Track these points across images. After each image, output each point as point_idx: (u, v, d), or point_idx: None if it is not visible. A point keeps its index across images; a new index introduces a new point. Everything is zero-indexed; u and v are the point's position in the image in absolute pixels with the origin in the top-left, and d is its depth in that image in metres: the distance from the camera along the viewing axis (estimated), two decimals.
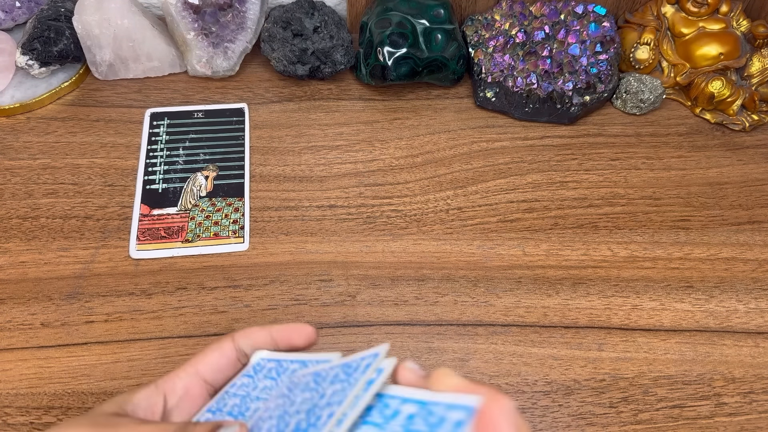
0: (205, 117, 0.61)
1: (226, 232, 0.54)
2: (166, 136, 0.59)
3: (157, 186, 0.56)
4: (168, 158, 0.58)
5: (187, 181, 0.56)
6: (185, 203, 0.55)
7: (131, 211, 0.55)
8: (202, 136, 0.59)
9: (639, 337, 0.50)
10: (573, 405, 0.46)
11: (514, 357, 0.48)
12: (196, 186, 0.56)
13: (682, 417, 0.46)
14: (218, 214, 0.55)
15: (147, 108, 0.61)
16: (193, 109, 0.61)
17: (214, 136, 0.59)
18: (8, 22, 0.63)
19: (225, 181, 0.57)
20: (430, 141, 0.61)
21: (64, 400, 0.45)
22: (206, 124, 0.60)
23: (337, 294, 0.51)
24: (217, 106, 0.61)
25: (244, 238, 0.53)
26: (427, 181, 0.58)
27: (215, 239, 0.53)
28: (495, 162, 0.59)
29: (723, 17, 0.63)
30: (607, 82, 0.60)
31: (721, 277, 0.53)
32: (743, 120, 0.62)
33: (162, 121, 0.60)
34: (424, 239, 0.54)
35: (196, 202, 0.55)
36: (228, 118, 0.61)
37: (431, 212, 0.56)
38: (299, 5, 0.61)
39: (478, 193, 0.57)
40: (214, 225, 0.54)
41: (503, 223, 0.55)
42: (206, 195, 0.56)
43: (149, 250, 0.52)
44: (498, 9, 0.63)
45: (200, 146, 0.59)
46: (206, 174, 0.57)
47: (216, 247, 0.53)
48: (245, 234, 0.54)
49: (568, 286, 0.52)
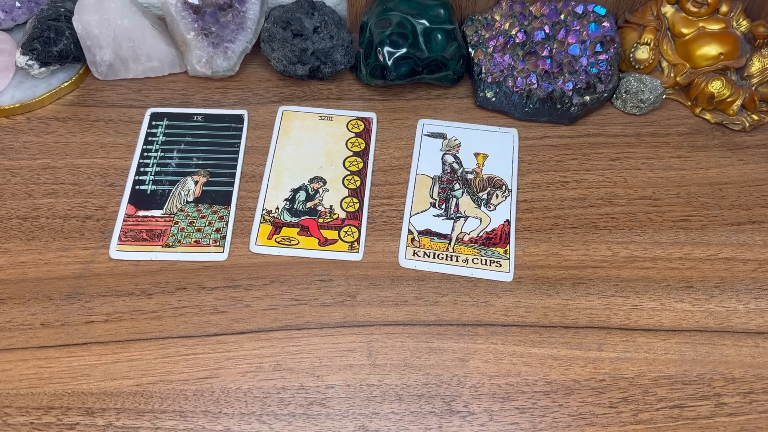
0: (204, 121, 0.60)
1: (207, 240, 0.53)
2: (162, 137, 0.58)
3: (146, 187, 0.56)
4: (161, 160, 0.57)
5: (177, 184, 0.56)
6: (171, 207, 0.55)
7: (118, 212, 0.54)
8: (198, 140, 0.59)
9: (639, 337, 0.50)
10: (573, 405, 0.46)
11: (514, 357, 0.48)
12: (185, 190, 0.55)
13: (682, 417, 0.46)
14: (202, 221, 0.54)
15: (147, 108, 0.61)
16: (194, 112, 0.61)
17: (210, 141, 0.59)
18: (8, 22, 0.63)
19: (214, 188, 0.56)
20: None
21: (64, 400, 0.45)
22: (204, 128, 0.60)
23: (337, 294, 0.51)
24: (218, 111, 0.61)
25: (224, 248, 0.53)
26: None
27: (195, 246, 0.53)
28: None
29: (723, 17, 0.63)
30: (607, 82, 0.60)
31: (721, 277, 0.53)
32: (743, 120, 0.62)
33: (161, 122, 0.60)
34: None
35: (182, 206, 0.55)
36: (227, 124, 0.60)
37: None
38: (299, 5, 0.61)
39: None
40: (197, 231, 0.54)
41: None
42: (193, 200, 0.55)
43: (129, 252, 0.52)
44: (498, 9, 0.63)
45: (195, 150, 0.58)
46: (196, 179, 0.56)
47: (194, 255, 0.52)
48: (226, 244, 0.53)
49: (568, 286, 0.52)
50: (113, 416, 0.45)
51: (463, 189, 0.55)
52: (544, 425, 0.46)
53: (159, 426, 0.45)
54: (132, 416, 0.45)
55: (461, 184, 0.56)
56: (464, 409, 0.46)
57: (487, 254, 0.53)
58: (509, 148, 0.59)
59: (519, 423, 0.46)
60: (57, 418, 0.44)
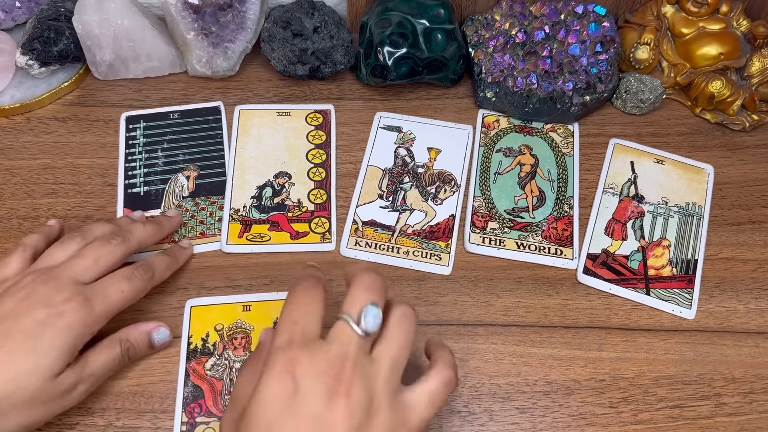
0: (181, 117, 0.60)
1: (212, 230, 0.54)
2: (143, 139, 0.58)
3: (139, 189, 0.56)
4: (147, 161, 0.57)
5: (169, 182, 0.56)
6: (168, 204, 0.55)
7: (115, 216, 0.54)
8: (179, 137, 0.59)
9: (639, 337, 0.50)
10: (573, 405, 0.46)
11: (514, 357, 0.48)
12: (178, 186, 0.55)
13: (682, 417, 0.46)
14: (203, 213, 0.54)
15: (123, 112, 0.61)
16: (169, 110, 0.61)
17: (192, 136, 0.59)
18: (8, 22, 0.63)
19: (207, 180, 0.57)
20: None
21: None
22: (183, 125, 0.60)
23: (337, 294, 0.51)
24: (193, 106, 0.61)
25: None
26: None
27: (202, 237, 0.53)
28: None
29: (723, 17, 0.63)
30: (607, 82, 0.60)
31: (721, 277, 0.53)
32: (743, 120, 0.62)
33: (138, 124, 0.60)
34: None
35: (179, 202, 0.55)
36: (204, 117, 0.60)
37: None
38: (299, 5, 0.61)
39: None
40: (200, 224, 0.54)
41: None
42: (189, 195, 0.56)
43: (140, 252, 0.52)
44: (498, 9, 0.63)
45: (179, 147, 0.58)
46: (187, 174, 0.56)
47: (204, 246, 0.53)
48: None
49: (568, 286, 0.52)
50: (113, 416, 0.45)
51: (412, 182, 0.56)
52: (544, 425, 0.46)
53: (159, 426, 0.45)
54: (132, 416, 0.45)
55: (411, 178, 0.57)
56: (464, 409, 0.46)
57: (429, 247, 0.53)
58: (463, 144, 0.59)
59: (519, 423, 0.46)
60: (57, 418, 0.44)
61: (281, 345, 0.34)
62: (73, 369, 0.41)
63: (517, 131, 0.61)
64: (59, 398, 0.40)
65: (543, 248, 0.53)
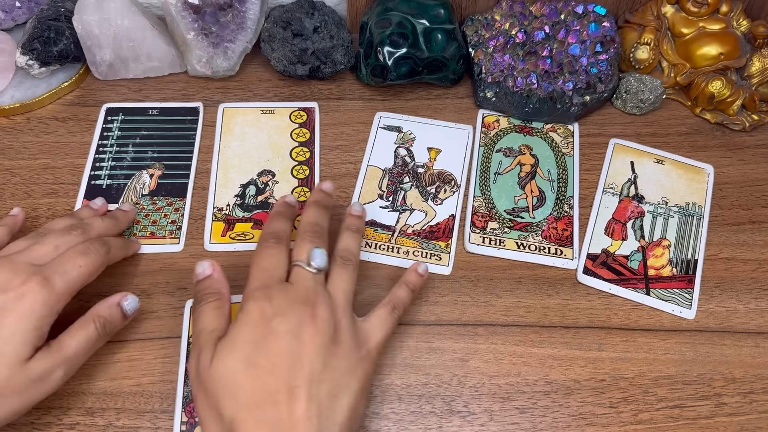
0: (159, 114, 0.60)
1: (162, 231, 0.53)
2: (118, 132, 0.58)
3: (102, 182, 0.56)
4: (116, 154, 0.57)
5: (132, 178, 0.56)
6: (127, 200, 0.55)
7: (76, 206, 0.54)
8: (153, 134, 0.59)
9: (639, 337, 0.50)
10: (573, 405, 0.46)
11: (514, 357, 0.48)
12: (140, 183, 0.55)
13: (682, 417, 0.46)
14: (157, 213, 0.54)
15: (104, 104, 0.61)
16: (149, 106, 0.61)
17: (165, 134, 0.59)
18: (8, 22, 0.63)
19: (169, 180, 0.56)
20: None
21: (65, 401, 0.45)
22: (159, 122, 0.60)
23: None
24: (172, 104, 0.61)
25: (180, 239, 0.53)
26: None
27: (151, 238, 0.53)
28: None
29: (723, 17, 0.63)
30: (607, 82, 0.60)
31: (721, 277, 0.53)
32: (743, 120, 0.62)
33: (116, 117, 0.60)
34: None
35: (137, 199, 0.55)
36: (182, 117, 0.60)
37: None
38: (299, 5, 0.61)
39: None
40: (152, 224, 0.54)
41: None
42: (148, 193, 0.56)
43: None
44: (498, 9, 0.63)
45: (150, 144, 0.58)
46: (152, 172, 0.56)
47: (150, 247, 0.53)
48: (181, 235, 0.53)
49: (568, 286, 0.52)
50: (113, 416, 0.45)
51: (412, 182, 0.56)
52: (544, 425, 0.46)
53: (159, 426, 0.45)
54: (132, 416, 0.45)
55: (411, 178, 0.57)
56: (464, 409, 0.46)
57: (429, 247, 0.53)
58: (463, 144, 0.59)
59: (519, 423, 0.46)
60: (57, 418, 0.44)
61: (257, 287, 0.40)
62: (45, 354, 0.40)
63: (517, 131, 0.61)
64: (34, 386, 0.39)
65: (543, 248, 0.53)
